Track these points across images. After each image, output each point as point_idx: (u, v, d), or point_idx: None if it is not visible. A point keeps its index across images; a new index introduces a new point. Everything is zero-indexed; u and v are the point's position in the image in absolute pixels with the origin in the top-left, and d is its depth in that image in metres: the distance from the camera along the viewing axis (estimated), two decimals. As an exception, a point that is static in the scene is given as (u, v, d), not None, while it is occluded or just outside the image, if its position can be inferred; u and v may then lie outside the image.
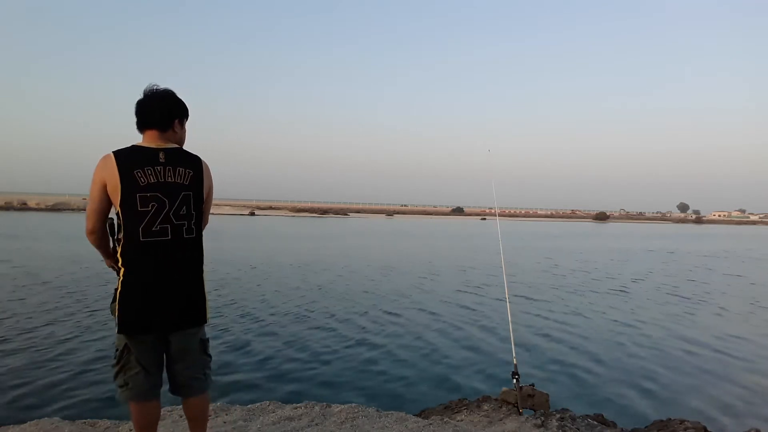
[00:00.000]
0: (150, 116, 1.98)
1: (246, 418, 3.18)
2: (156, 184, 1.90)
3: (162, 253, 1.91)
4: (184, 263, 1.98)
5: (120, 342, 1.97)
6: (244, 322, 7.72)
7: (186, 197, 1.96)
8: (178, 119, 2.06)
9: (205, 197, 2.08)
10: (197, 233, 2.03)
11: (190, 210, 1.98)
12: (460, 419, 3.61)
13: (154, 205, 1.89)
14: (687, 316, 9.54)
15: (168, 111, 2.01)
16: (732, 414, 4.90)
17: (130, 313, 1.90)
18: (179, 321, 1.98)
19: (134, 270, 1.90)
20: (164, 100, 2.02)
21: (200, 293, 2.03)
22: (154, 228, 1.89)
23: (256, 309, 8.62)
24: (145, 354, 1.99)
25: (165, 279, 1.92)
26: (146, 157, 1.92)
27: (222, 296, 9.59)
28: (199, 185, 2.02)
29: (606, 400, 5.12)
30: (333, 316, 8.39)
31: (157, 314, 1.92)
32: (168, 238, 1.92)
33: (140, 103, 2.00)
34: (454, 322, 8.25)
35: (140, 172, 1.88)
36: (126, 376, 1.99)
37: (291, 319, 8.06)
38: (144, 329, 1.93)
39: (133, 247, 1.89)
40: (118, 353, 1.98)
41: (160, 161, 1.93)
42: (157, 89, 2.03)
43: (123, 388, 2.00)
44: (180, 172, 1.96)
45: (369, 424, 3.15)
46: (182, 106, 2.09)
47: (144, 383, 2.00)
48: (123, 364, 1.98)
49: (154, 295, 1.91)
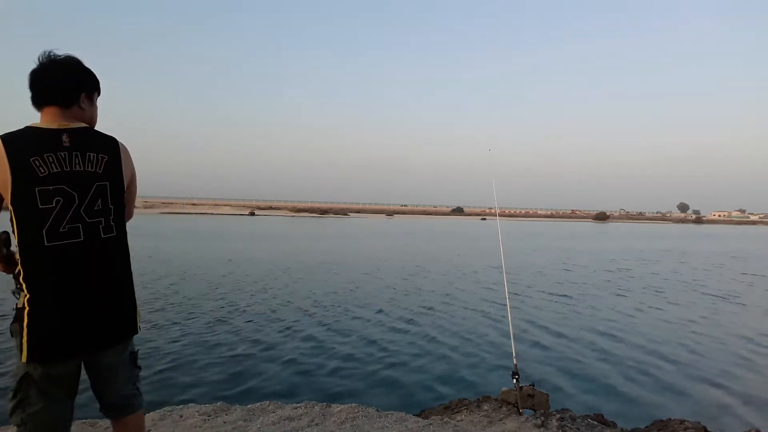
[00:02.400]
0: (49, 89, 1.60)
1: (246, 418, 3.18)
2: (60, 174, 1.52)
3: (75, 258, 1.55)
4: (105, 267, 1.63)
5: (19, 371, 1.56)
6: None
7: (101, 188, 1.60)
8: (85, 93, 1.68)
9: (127, 187, 1.72)
10: (119, 231, 1.67)
11: (108, 204, 1.62)
12: (460, 419, 3.61)
13: (59, 200, 1.52)
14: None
15: (73, 81, 1.64)
16: (732, 414, 4.90)
17: (45, 336, 1.52)
18: (108, 337, 1.65)
19: (42, 282, 1.52)
20: (67, 67, 1.64)
21: (130, 300, 1.72)
22: (61, 229, 1.52)
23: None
24: (60, 385, 1.59)
25: (83, 289, 1.57)
26: (45, 140, 1.53)
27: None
28: (117, 173, 1.65)
29: (606, 400, 5.12)
30: (334, 316, 8.39)
31: (81, 333, 1.57)
32: (80, 240, 1.56)
33: (35, 73, 1.60)
34: (456, 323, 8.25)
35: (38, 160, 1.50)
36: (25, 413, 1.56)
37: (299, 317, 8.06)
38: (67, 354, 1.56)
39: (36, 254, 1.51)
40: (17, 384, 1.56)
41: (64, 145, 1.55)
42: (57, 56, 1.63)
43: (20, 428, 1.57)
44: (91, 158, 1.59)
45: (369, 424, 3.15)
46: (91, 76, 1.71)
47: (49, 424, 1.59)
48: (21, 398, 1.55)
49: (74, 310, 1.55)
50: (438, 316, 8.72)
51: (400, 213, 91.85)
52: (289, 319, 8.02)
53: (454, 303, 9.97)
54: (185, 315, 7.94)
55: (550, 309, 9.68)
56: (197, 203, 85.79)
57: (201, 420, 3.12)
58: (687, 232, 56.05)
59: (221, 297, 9.55)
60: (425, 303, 9.83)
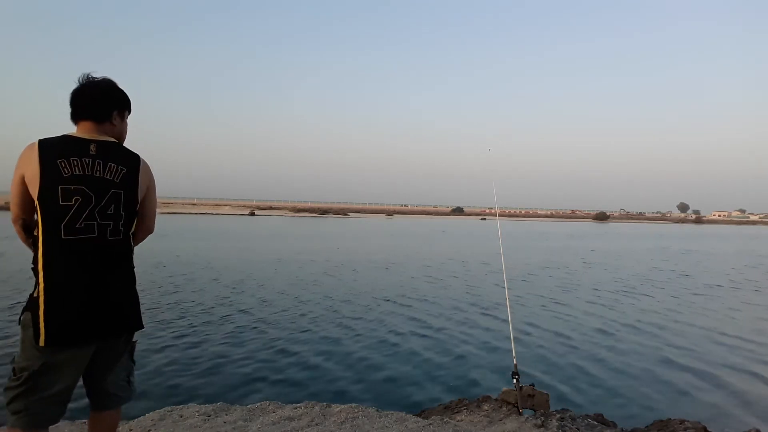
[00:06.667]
0: (85, 105, 1.81)
1: (246, 418, 3.18)
2: (82, 176, 1.70)
3: (88, 252, 1.70)
4: (113, 264, 1.78)
5: (28, 358, 1.67)
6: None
7: (115, 195, 1.76)
8: (117, 110, 1.88)
9: (142, 199, 1.88)
10: (124, 236, 1.81)
11: (119, 210, 1.77)
12: (460, 419, 3.61)
13: (78, 199, 1.68)
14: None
15: (107, 100, 1.84)
16: (732, 414, 4.90)
17: (63, 321, 1.65)
18: (119, 326, 1.79)
19: (59, 272, 1.66)
20: (102, 89, 1.85)
21: (134, 297, 1.87)
22: (78, 224, 1.68)
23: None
24: (70, 370, 1.72)
25: (95, 280, 1.71)
26: (74, 146, 1.72)
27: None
28: (132, 185, 1.81)
29: (606, 400, 5.12)
30: (338, 316, 8.39)
31: (95, 320, 1.70)
32: (94, 236, 1.71)
33: (75, 92, 1.82)
34: (456, 323, 8.25)
35: (64, 162, 1.68)
36: (29, 399, 1.67)
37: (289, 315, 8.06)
38: (83, 339, 1.70)
39: (54, 246, 1.67)
40: (26, 373, 1.66)
41: (90, 153, 1.73)
42: (95, 78, 1.86)
43: (20, 414, 1.67)
44: (111, 168, 1.76)
45: (369, 424, 3.15)
46: (123, 97, 1.91)
47: (53, 409, 1.72)
48: (30, 387, 1.67)
49: (88, 298, 1.69)
50: (438, 315, 8.73)
51: (400, 213, 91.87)
52: (290, 318, 8.02)
53: (454, 303, 9.97)
54: (185, 315, 7.95)
55: (550, 310, 9.69)
56: (197, 203, 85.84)
57: (201, 420, 3.11)
58: (693, 232, 55.97)
59: (221, 296, 9.56)
60: (426, 303, 9.83)
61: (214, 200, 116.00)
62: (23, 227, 1.79)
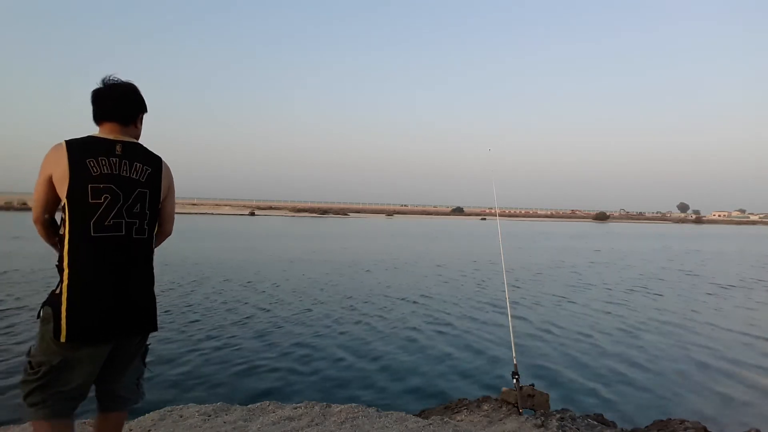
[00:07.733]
0: (113, 108, 1.84)
1: (246, 418, 3.18)
2: (110, 175, 1.74)
3: (117, 250, 1.73)
4: (136, 263, 1.81)
5: (47, 353, 1.69)
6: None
7: (141, 194, 1.80)
8: (141, 114, 1.95)
9: (164, 198, 1.93)
10: (149, 234, 1.86)
11: (144, 209, 1.82)
12: (460, 419, 3.62)
13: (107, 197, 1.72)
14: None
15: (134, 104, 1.90)
16: (732, 414, 4.90)
17: (86, 318, 1.67)
18: (138, 325, 1.82)
19: (85, 269, 1.69)
20: (131, 92, 1.91)
21: (153, 297, 1.89)
22: (107, 222, 1.71)
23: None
24: (88, 367, 1.74)
25: (120, 278, 1.74)
26: (101, 147, 1.77)
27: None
28: (156, 184, 1.86)
29: (606, 400, 5.12)
30: (333, 316, 8.39)
31: (118, 317, 1.73)
32: (122, 234, 1.75)
33: (100, 93, 1.85)
34: (456, 322, 8.25)
35: (93, 162, 1.72)
36: (46, 393, 1.69)
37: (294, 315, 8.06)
38: (104, 336, 1.72)
39: (82, 243, 1.69)
40: (44, 367, 1.69)
41: (117, 153, 1.78)
42: (120, 80, 1.90)
43: (38, 405, 1.70)
44: (137, 168, 1.81)
45: (369, 424, 3.15)
46: (144, 101, 1.98)
47: (70, 402, 1.75)
48: (48, 381, 1.69)
49: (112, 296, 1.72)
50: (438, 315, 8.73)
51: (400, 213, 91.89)
52: (289, 319, 8.02)
53: (455, 302, 9.98)
54: (185, 314, 7.95)
55: (549, 310, 9.69)
56: (197, 203, 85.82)
57: (201, 420, 3.11)
58: (694, 232, 55.91)
59: (221, 297, 9.56)
60: (425, 302, 9.84)
61: (214, 200, 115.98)
62: (46, 226, 1.82)
